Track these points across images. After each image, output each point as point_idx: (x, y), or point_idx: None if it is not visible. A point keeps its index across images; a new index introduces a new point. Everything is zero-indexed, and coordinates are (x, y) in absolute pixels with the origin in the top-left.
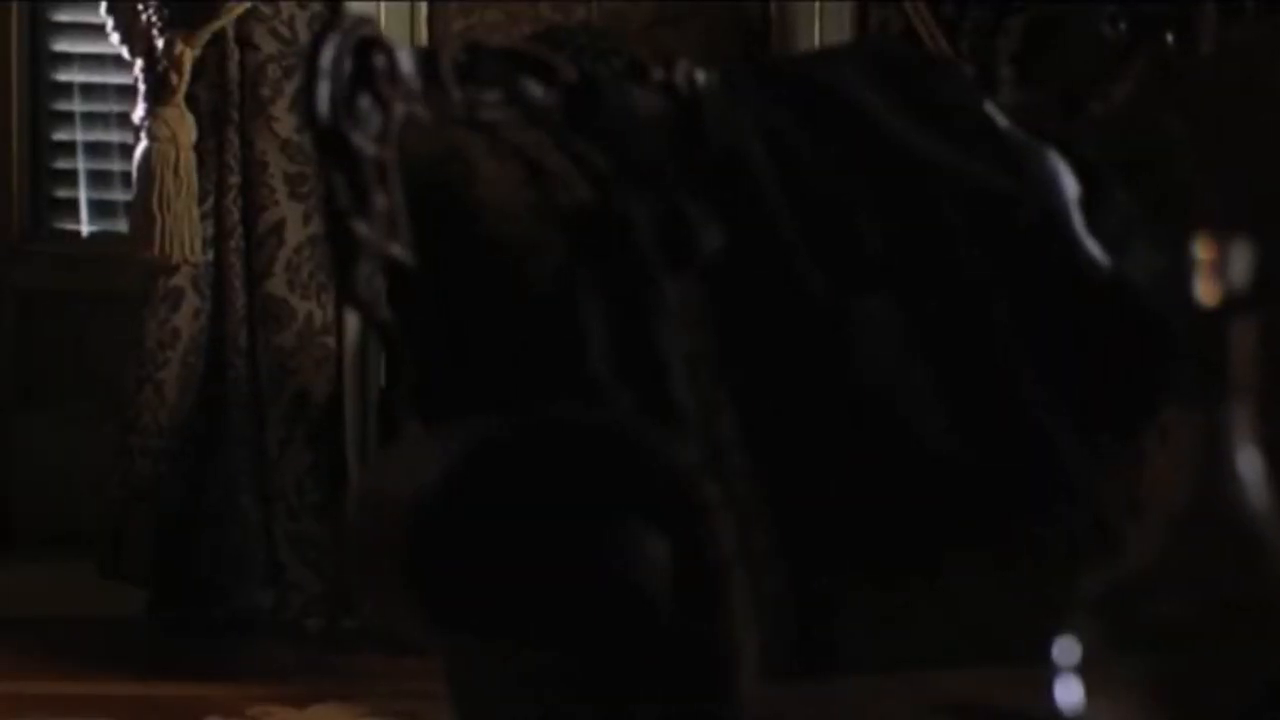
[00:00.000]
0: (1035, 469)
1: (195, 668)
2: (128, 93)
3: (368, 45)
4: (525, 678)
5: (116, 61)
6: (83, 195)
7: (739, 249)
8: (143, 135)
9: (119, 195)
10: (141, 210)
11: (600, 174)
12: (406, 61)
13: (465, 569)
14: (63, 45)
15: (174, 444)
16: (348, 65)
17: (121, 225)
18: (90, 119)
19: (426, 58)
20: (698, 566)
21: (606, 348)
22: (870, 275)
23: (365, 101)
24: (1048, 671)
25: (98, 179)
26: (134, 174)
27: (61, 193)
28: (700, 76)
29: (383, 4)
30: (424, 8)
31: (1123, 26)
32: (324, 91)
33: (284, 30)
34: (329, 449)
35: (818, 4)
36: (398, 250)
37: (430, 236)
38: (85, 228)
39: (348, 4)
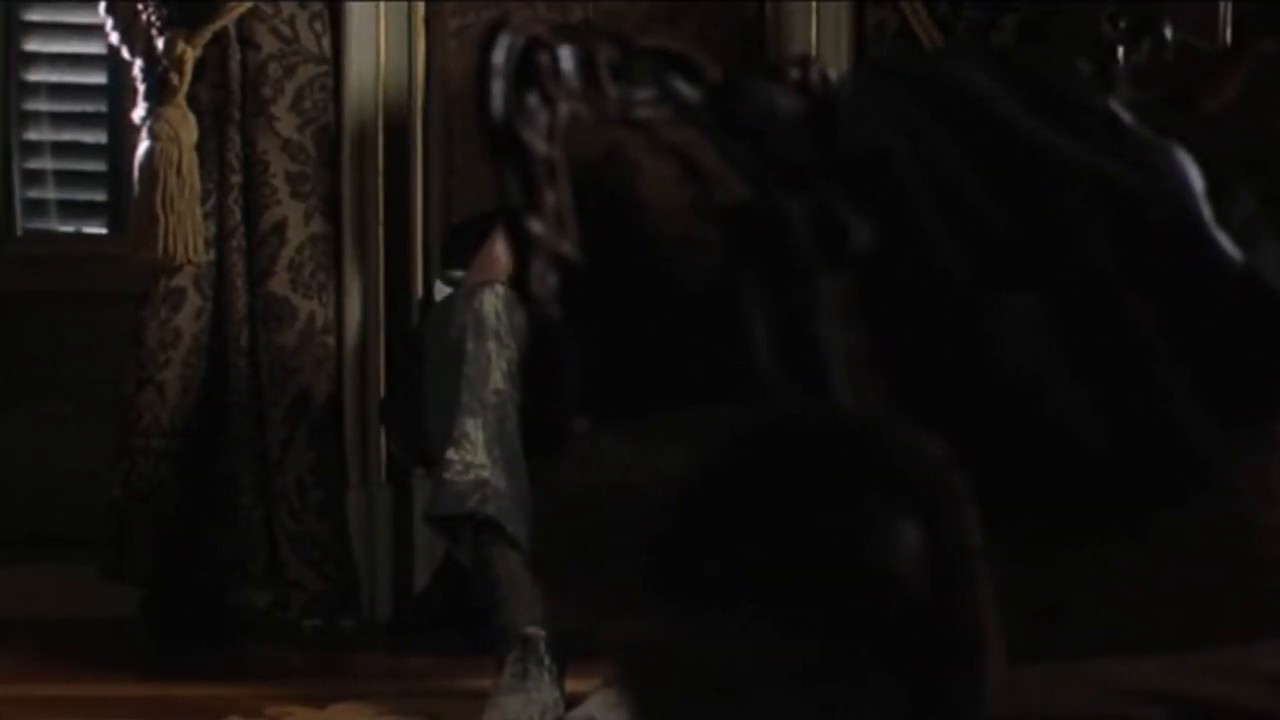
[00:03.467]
0: (1171, 459)
1: (203, 668)
2: (97, 92)
3: (533, 43)
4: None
5: (85, 61)
6: (51, 195)
7: (885, 245)
8: (144, 135)
9: (89, 196)
10: (144, 210)
11: (753, 171)
12: (567, 60)
13: (725, 559)
14: (33, 45)
15: (175, 444)
16: (515, 64)
17: (94, 226)
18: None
19: (585, 56)
20: (950, 554)
21: (769, 344)
22: (1011, 270)
23: (533, 100)
24: (1211, 658)
25: (67, 179)
26: (135, 174)
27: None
28: (832, 76)
29: (381, 3)
30: (421, 7)
31: (1122, 25)
32: (497, 90)
33: (285, 29)
34: (330, 449)
35: (814, 3)
36: (568, 248)
37: (595, 234)
38: (56, 227)
39: (350, 3)
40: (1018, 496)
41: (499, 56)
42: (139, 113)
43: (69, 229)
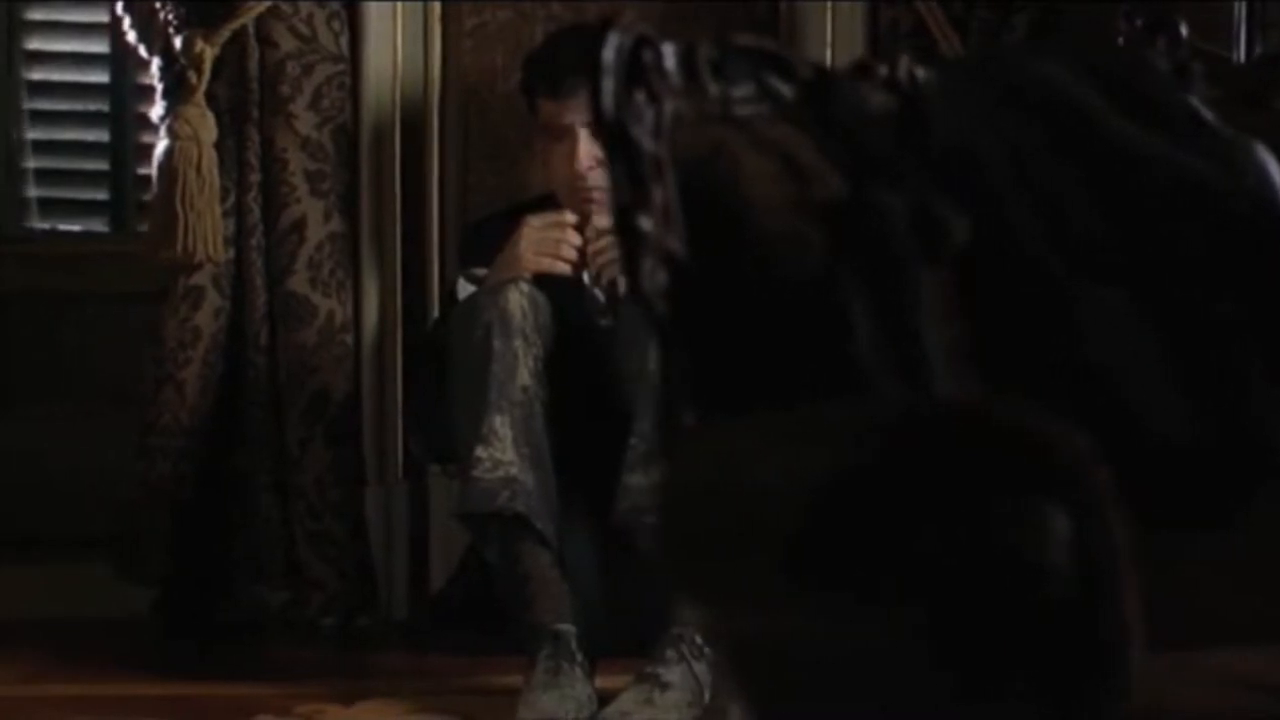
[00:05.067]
0: (1257, 452)
1: (226, 667)
2: (99, 91)
3: (640, 42)
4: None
5: (87, 59)
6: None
7: (979, 240)
8: (162, 134)
9: (91, 195)
10: (163, 209)
11: (849, 168)
12: (670, 58)
13: (870, 554)
14: (35, 44)
15: (194, 443)
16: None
17: (97, 224)
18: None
19: (686, 54)
20: (1097, 546)
21: (872, 339)
22: (1100, 264)
23: (640, 97)
24: None
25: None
26: (154, 173)
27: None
28: (919, 73)
29: (398, 2)
30: (437, 6)
31: (1139, 23)
32: (608, 87)
33: (303, 28)
34: (349, 447)
35: (829, 3)
36: (675, 245)
37: (700, 232)
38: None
39: (367, 2)
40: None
41: (609, 55)
42: (157, 111)
43: (71, 228)
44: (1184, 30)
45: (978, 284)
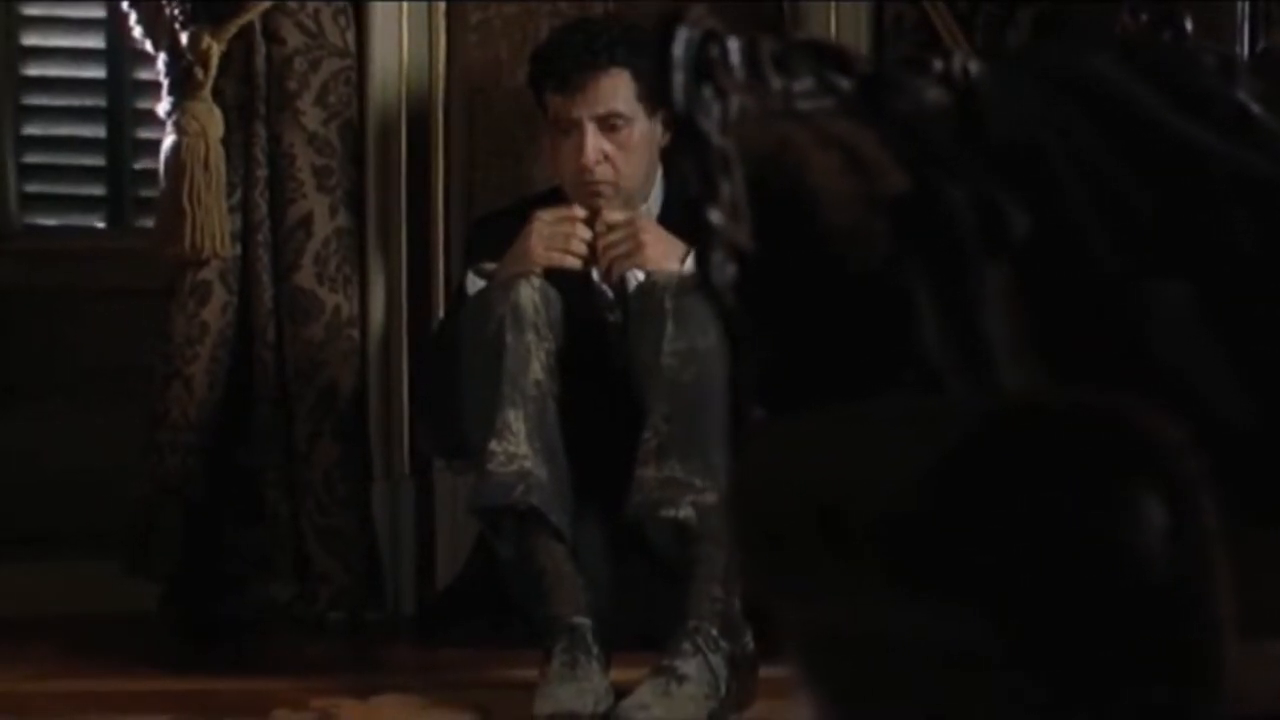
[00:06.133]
0: None
1: (238, 662)
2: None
3: (707, 37)
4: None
5: (83, 55)
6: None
7: (1039, 234)
8: (169, 129)
9: (88, 190)
10: (170, 205)
11: (911, 161)
12: (734, 52)
13: (972, 545)
14: (32, 40)
15: (203, 438)
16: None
17: (94, 220)
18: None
19: (749, 49)
20: (1192, 534)
21: (938, 333)
22: (1159, 257)
23: (707, 91)
24: None
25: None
26: (161, 169)
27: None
28: (973, 68)
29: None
30: (442, 4)
31: (1144, 18)
32: (679, 81)
33: (309, 24)
34: (356, 442)
35: (833, 1)
36: (743, 238)
37: (768, 226)
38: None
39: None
40: None
41: (679, 49)
42: (164, 107)
43: (68, 224)
44: (1189, 26)
45: (1037, 278)
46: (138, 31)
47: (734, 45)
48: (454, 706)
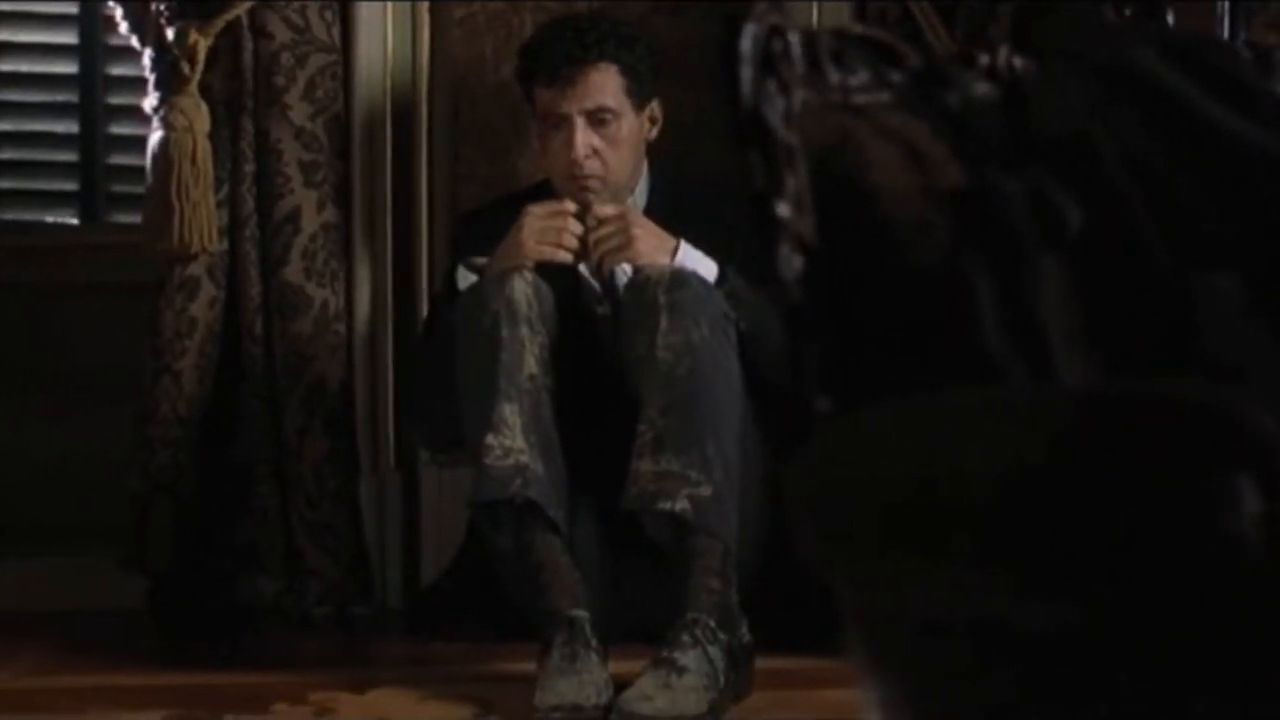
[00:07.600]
0: None
1: (233, 657)
2: (68, 82)
3: (772, 32)
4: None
5: (56, 51)
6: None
7: (1091, 227)
8: (156, 124)
9: (60, 186)
10: (159, 200)
11: (966, 155)
12: (796, 47)
13: (1061, 534)
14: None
15: (192, 433)
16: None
17: (66, 216)
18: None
19: (809, 43)
20: None
21: (997, 325)
22: (1210, 251)
23: (771, 86)
24: None
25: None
26: (148, 164)
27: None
28: (1018, 62)
29: None
30: (426, 2)
31: (1128, 12)
32: (747, 76)
33: (297, 19)
34: (345, 436)
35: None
36: (808, 232)
37: (830, 219)
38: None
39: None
40: None
41: (746, 44)
42: (150, 102)
43: (40, 219)
44: (1171, 21)
45: (1089, 270)
46: (124, 27)
47: (795, 39)
48: (452, 700)
